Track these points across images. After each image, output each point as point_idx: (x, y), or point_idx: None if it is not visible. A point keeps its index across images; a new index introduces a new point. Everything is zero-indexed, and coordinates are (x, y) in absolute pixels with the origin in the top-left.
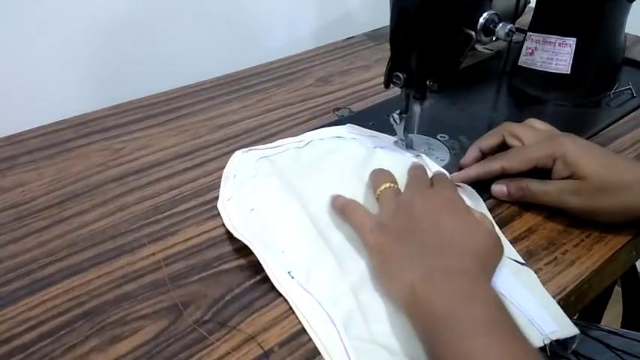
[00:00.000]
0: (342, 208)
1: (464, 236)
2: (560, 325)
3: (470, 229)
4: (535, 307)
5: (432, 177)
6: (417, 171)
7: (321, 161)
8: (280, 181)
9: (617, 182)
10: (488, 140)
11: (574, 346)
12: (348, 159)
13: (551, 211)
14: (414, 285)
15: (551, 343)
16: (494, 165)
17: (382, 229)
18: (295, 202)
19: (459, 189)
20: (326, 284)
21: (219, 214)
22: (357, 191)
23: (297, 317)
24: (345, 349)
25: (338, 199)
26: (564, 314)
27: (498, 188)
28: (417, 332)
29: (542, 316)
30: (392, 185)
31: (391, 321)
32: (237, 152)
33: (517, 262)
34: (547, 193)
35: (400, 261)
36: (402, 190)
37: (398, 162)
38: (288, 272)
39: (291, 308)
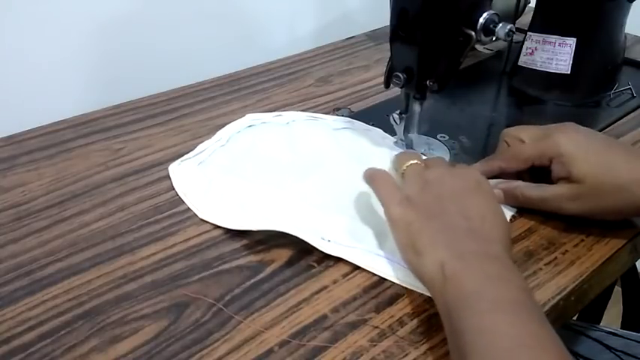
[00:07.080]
0: (370, 177)
1: (492, 223)
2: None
3: (496, 215)
4: None
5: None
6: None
7: (254, 148)
8: (240, 178)
9: (612, 183)
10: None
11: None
12: (277, 140)
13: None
14: (444, 263)
15: None
16: (493, 165)
17: (410, 204)
18: (274, 187)
19: None
20: (363, 234)
21: (217, 226)
22: (304, 162)
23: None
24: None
25: (368, 169)
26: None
27: (495, 193)
28: (440, 308)
29: None
30: (419, 162)
31: None
32: (173, 166)
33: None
34: (545, 200)
35: (430, 238)
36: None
37: (317, 127)
38: (322, 238)
39: (291, 308)
